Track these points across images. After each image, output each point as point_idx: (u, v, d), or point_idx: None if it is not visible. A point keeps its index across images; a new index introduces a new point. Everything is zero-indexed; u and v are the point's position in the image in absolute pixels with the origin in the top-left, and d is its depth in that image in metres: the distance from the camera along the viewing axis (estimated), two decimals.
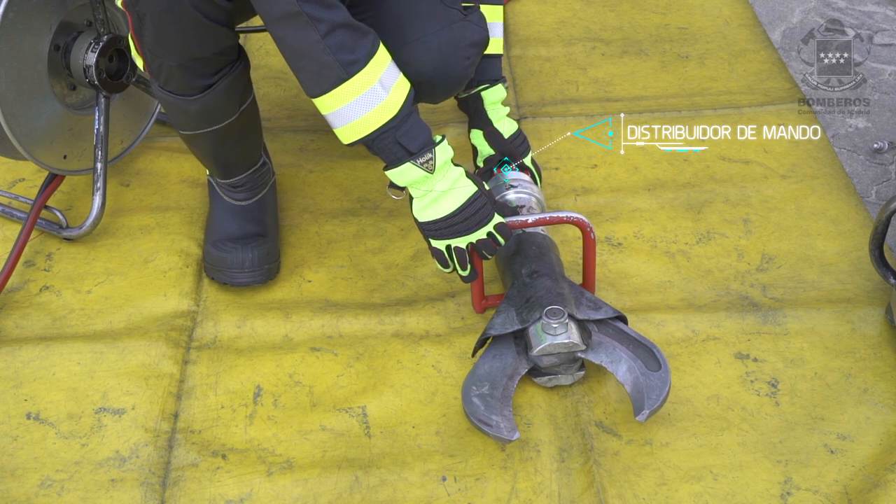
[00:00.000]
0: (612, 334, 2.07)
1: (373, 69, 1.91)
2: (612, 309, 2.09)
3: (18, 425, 2.03)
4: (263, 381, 2.12)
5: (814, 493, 1.87)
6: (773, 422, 2.00)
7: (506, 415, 1.94)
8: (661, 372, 1.97)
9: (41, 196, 2.36)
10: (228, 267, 2.28)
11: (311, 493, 1.91)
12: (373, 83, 1.91)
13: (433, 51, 2.09)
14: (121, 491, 1.92)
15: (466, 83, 2.23)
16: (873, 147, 2.74)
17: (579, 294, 2.11)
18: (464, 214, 2.04)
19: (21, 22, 2.16)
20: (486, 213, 2.06)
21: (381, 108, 1.94)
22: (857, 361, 2.11)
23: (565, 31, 3.18)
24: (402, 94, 1.97)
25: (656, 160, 2.66)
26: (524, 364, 2.05)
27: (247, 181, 2.34)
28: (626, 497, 1.88)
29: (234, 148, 2.28)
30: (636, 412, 1.93)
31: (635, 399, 1.96)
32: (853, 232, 2.43)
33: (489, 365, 2.04)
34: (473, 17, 2.16)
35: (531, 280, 2.11)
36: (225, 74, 2.10)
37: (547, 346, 1.99)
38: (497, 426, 1.91)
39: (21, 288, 2.32)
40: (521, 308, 2.07)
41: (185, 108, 2.12)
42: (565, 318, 2.00)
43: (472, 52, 2.15)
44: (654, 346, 2.02)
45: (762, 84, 2.94)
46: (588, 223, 2.17)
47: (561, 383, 2.08)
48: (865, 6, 3.27)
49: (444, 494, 1.90)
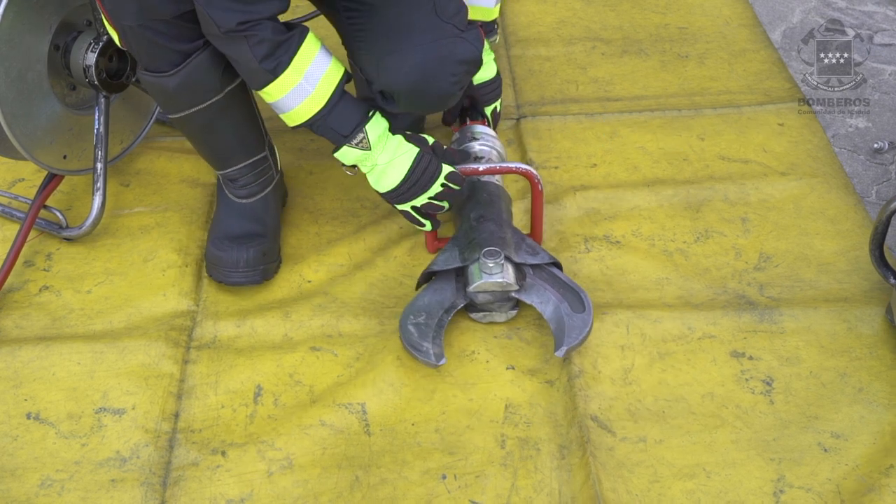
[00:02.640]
0: (546, 278, 2.21)
1: (296, 68, 2.04)
2: (549, 255, 2.24)
3: (18, 425, 2.04)
4: (263, 380, 2.13)
5: (806, 492, 1.87)
6: (767, 420, 2.00)
7: (437, 342, 2.11)
8: (584, 314, 2.13)
9: (40, 196, 2.37)
10: (224, 265, 2.29)
11: (312, 492, 1.92)
12: (298, 80, 2.05)
13: (417, 63, 2.09)
14: (121, 491, 1.93)
15: (452, 100, 2.21)
16: (873, 147, 2.74)
17: (520, 240, 2.26)
18: (413, 178, 2.18)
19: (21, 22, 2.17)
20: (434, 169, 2.20)
21: (309, 101, 2.08)
22: (853, 361, 2.11)
23: (565, 30, 3.18)
24: (330, 86, 2.09)
25: (655, 159, 2.66)
26: (461, 299, 2.19)
27: (246, 173, 2.33)
28: (620, 492, 1.88)
29: (227, 132, 2.27)
30: (556, 348, 2.09)
31: (557, 337, 2.12)
32: (851, 231, 2.43)
33: (429, 298, 2.20)
34: (468, 35, 2.14)
35: (477, 224, 2.25)
36: (200, 50, 2.08)
37: (482, 284, 2.14)
38: (426, 352, 2.09)
39: (21, 288, 2.33)
40: (464, 248, 2.22)
41: (164, 87, 2.11)
42: (502, 259, 2.14)
43: (459, 70, 2.14)
44: (581, 290, 2.17)
45: (762, 84, 2.94)
46: (536, 175, 2.31)
47: (495, 320, 2.22)
48: (865, 6, 3.27)
49: (444, 492, 1.91)
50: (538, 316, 2.20)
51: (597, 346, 2.15)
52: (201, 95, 2.16)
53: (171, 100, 2.17)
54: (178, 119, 2.22)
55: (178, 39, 2.06)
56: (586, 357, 2.13)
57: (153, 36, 2.03)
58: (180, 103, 2.17)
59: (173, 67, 2.08)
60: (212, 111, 2.19)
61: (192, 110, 2.18)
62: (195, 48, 2.08)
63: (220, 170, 2.34)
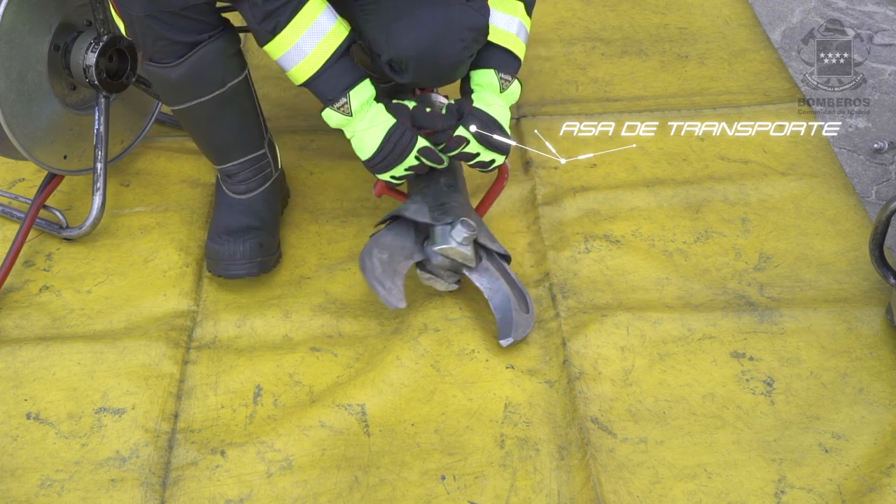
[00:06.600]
0: (497, 267, 2.26)
1: (293, 30, 2.07)
2: (503, 248, 2.29)
3: (18, 425, 2.03)
4: (263, 380, 2.13)
5: (807, 492, 1.87)
6: (767, 420, 2.01)
7: (398, 284, 2.15)
8: (528, 315, 2.21)
9: (40, 196, 2.37)
10: (222, 259, 2.29)
11: (311, 492, 1.92)
12: (294, 41, 2.09)
13: (427, 28, 2.10)
14: (121, 491, 1.92)
15: (461, 70, 2.21)
16: (873, 147, 2.74)
17: (481, 223, 2.30)
18: (387, 149, 2.18)
19: (21, 22, 2.17)
20: (407, 142, 2.19)
21: (304, 62, 2.11)
22: (853, 361, 2.12)
23: (565, 31, 3.18)
24: (328, 49, 2.11)
25: (655, 160, 2.66)
26: (419, 254, 2.23)
27: (244, 169, 2.34)
28: (621, 494, 1.88)
29: (227, 126, 2.28)
30: (501, 336, 2.16)
31: (503, 328, 2.17)
32: (851, 231, 2.43)
33: (391, 239, 2.23)
34: (475, 4, 2.15)
35: (448, 190, 2.28)
36: (205, 42, 2.10)
37: (448, 249, 2.19)
38: (390, 290, 2.13)
39: (21, 288, 2.33)
40: (434, 208, 2.24)
41: (167, 77, 2.13)
42: (473, 233, 2.19)
43: (467, 36, 2.13)
44: (526, 292, 2.25)
45: (762, 84, 2.95)
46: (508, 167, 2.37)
47: (436, 287, 2.26)
48: (865, 6, 3.27)
49: (443, 493, 1.91)
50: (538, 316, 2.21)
51: (597, 347, 2.15)
52: (204, 88, 2.17)
53: (174, 91, 2.18)
54: (180, 111, 2.23)
55: (185, 31, 2.07)
56: (586, 358, 2.13)
57: (160, 27, 2.04)
58: (183, 95, 2.18)
59: (178, 59, 2.09)
60: (213, 104, 2.20)
61: (193, 102, 2.19)
62: (200, 41, 2.10)
63: (218, 164, 2.34)
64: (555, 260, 2.37)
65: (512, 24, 2.26)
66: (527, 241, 2.45)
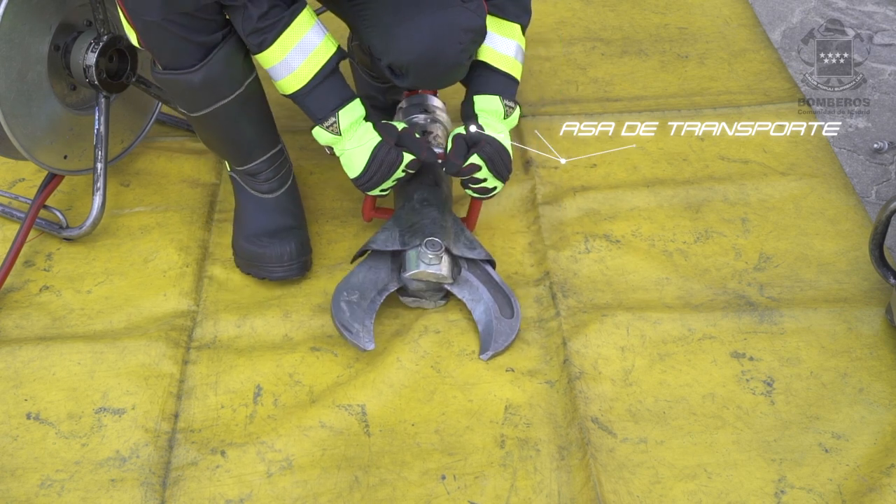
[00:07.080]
0: (479, 275, 2.26)
1: (280, 46, 2.09)
2: (485, 251, 2.28)
3: (18, 425, 2.03)
4: (263, 380, 2.13)
5: (808, 492, 1.87)
6: (767, 420, 2.01)
7: (367, 325, 2.15)
8: (512, 320, 2.19)
9: (40, 196, 2.36)
10: (267, 262, 2.30)
11: (311, 492, 1.92)
12: (282, 57, 2.10)
13: (426, 32, 2.11)
14: (121, 491, 1.92)
15: (460, 73, 2.22)
16: (873, 147, 2.74)
17: (460, 231, 2.30)
18: (372, 169, 2.18)
19: (21, 22, 2.17)
20: (393, 160, 2.19)
21: (291, 77, 2.13)
22: (853, 361, 2.12)
23: (565, 31, 3.19)
24: (315, 66, 2.13)
25: (655, 159, 2.66)
26: (395, 282, 2.24)
27: (266, 167, 2.33)
28: (621, 494, 1.88)
29: (249, 126, 2.28)
30: (482, 351, 2.15)
31: (484, 340, 2.17)
32: (851, 231, 2.43)
33: (363, 276, 2.23)
34: (471, 5, 2.15)
35: (420, 206, 2.28)
36: (220, 44, 2.10)
37: (419, 273, 2.18)
38: (357, 334, 2.12)
39: (21, 288, 2.33)
40: (404, 231, 2.25)
41: (189, 84, 2.12)
42: (442, 251, 2.19)
43: (465, 38, 2.14)
44: (511, 294, 2.23)
45: (762, 84, 2.95)
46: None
47: (424, 307, 2.27)
48: (865, 6, 3.27)
49: (443, 493, 1.91)
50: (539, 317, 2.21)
51: (597, 347, 2.16)
52: (226, 88, 2.17)
53: (196, 97, 2.17)
54: (201, 117, 2.22)
55: (201, 32, 2.07)
56: (586, 358, 2.13)
57: (176, 30, 2.03)
58: (205, 99, 2.17)
59: (197, 62, 2.09)
60: (236, 104, 2.20)
61: (216, 105, 2.18)
62: (216, 41, 2.09)
63: (241, 165, 2.33)
64: (555, 259, 2.37)
65: (510, 48, 2.29)
66: (527, 241, 2.45)
